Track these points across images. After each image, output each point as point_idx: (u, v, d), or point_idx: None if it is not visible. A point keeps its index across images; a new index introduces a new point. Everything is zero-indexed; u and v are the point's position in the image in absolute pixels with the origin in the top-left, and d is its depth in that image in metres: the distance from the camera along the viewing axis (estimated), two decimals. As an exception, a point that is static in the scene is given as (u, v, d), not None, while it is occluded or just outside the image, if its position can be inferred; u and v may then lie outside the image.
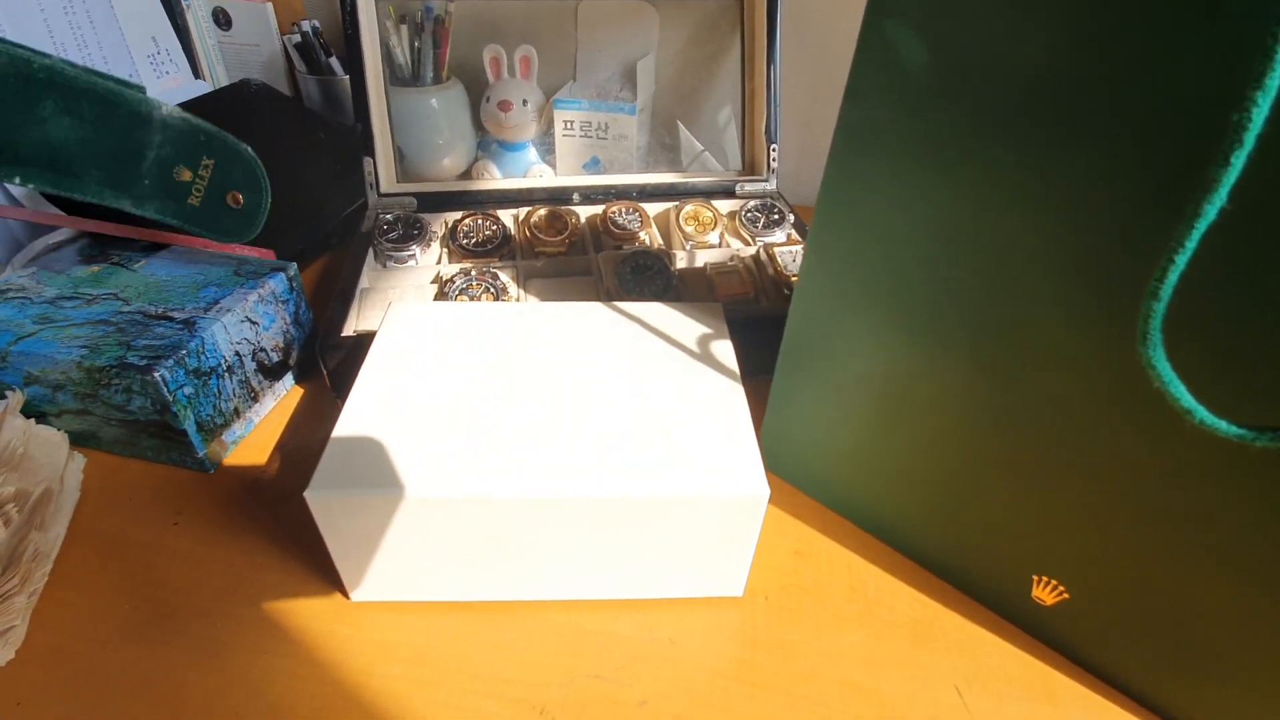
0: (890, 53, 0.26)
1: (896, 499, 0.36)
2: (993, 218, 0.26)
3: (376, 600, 0.34)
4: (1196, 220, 0.20)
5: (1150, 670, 0.30)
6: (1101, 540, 0.29)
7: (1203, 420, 0.22)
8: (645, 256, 0.49)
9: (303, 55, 0.69)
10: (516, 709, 0.30)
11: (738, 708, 0.30)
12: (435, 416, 0.32)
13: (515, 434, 0.32)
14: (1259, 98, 0.18)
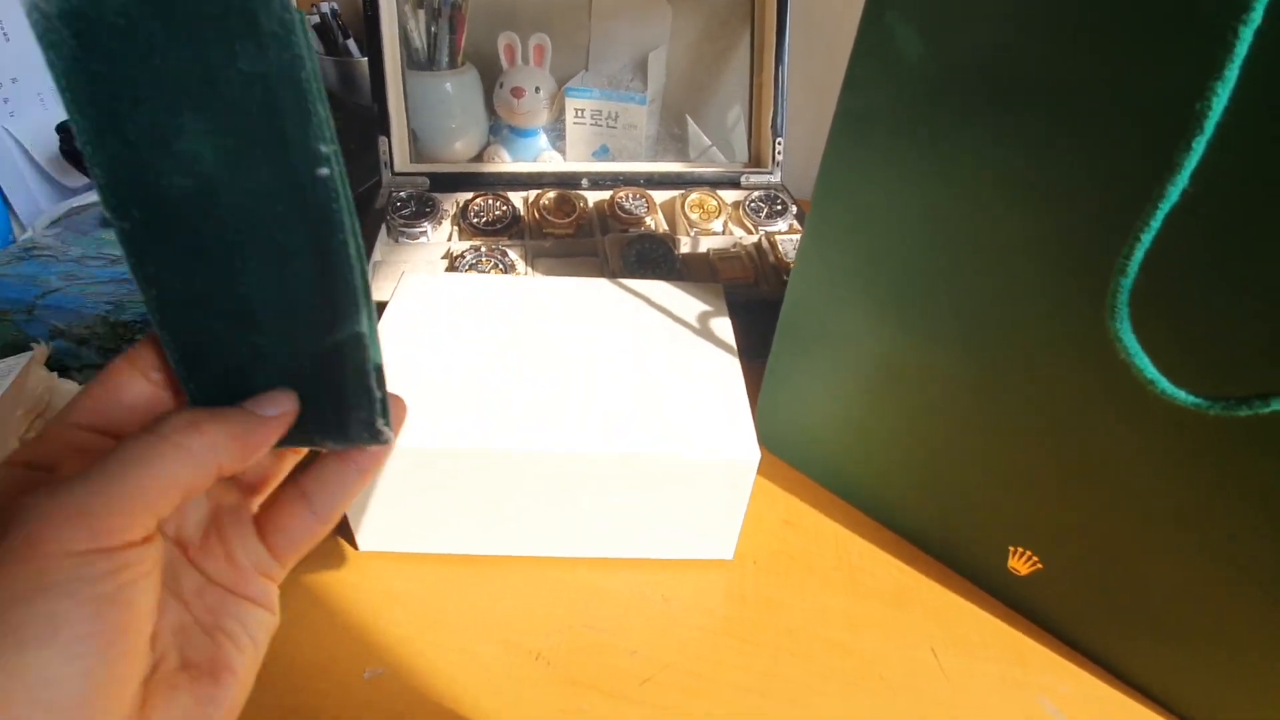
0: (889, 44, 0.27)
1: (883, 473, 0.37)
2: (981, 205, 0.28)
3: (383, 550, 0.36)
4: (1160, 201, 0.22)
5: (1116, 637, 0.32)
6: (1074, 512, 0.31)
7: (1164, 390, 0.24)
8: (650, 240, 0.51)
9: (321, 37, 0.71)
10: (514, 653, 0.32)
11: (724, 659, 0.32)
12: (444, 378, 0.34)
13: (521, 396, 0.33)
14: (1218, 87, 0.20)
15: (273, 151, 0.18)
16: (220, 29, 0.16)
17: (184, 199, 0.18)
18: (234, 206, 0.18)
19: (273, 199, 0.18)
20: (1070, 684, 0.32)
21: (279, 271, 0.19)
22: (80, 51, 0.16)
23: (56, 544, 0.14)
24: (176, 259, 0.18)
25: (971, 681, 0.32)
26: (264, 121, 0.17)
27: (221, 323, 0.19)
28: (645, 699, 0.31)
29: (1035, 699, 0.32)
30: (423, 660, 0.32)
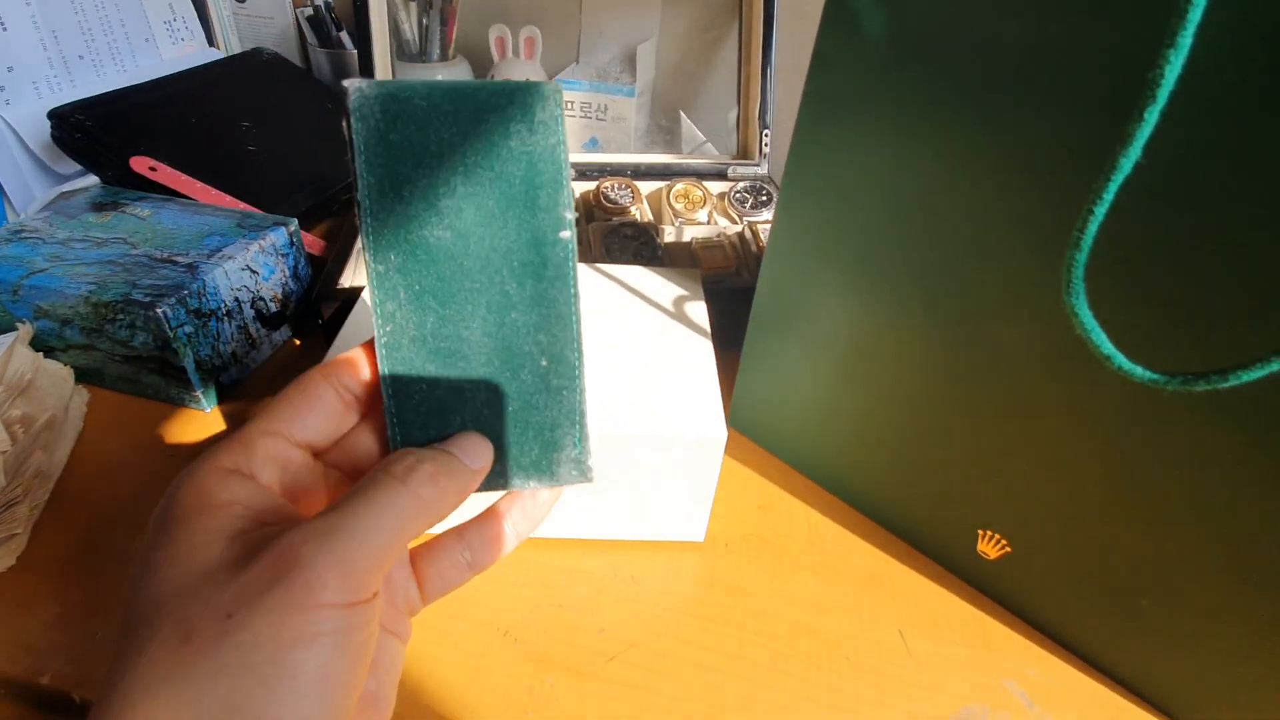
0: (853, 22, 0.28)
1: (855, 457, 0.37)
2: (943, 179, 0.28)
3: (357, 529, 0.36)
4: (1113, 173, 0.22)
5: (1083, 621, 0.32)
6: (1041, 495, 0.31)
7: (1120, 366, 0.24)
8: (633, 228, 0.51)
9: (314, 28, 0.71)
10: (482, 630, 0.32)
11: (691, 638, 0.32)
12: (419, 356, 0.34)
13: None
14: (1171, 55, 0.20)
15: (525, 214, 0.20)
16: (502, 115, 0.20)
17: (438, 249, 0.20)
18: (480, 258, 0.21)
19: (515, 254, 0.21)
20: (1037, 668, 0.32)
21: (502, 318, 0.21)
22: (383, 124, 0.20)
23: (326, 595, 0.16)
24: (415, 301, 0.21)
25: (938, 664, 0.32)
26: (523, 189, 0.20)
27: (441, 362, 0.21)
28: (610, 676, 0.31)
29: (1002, 682, 0.31)
30: (391, 636, 0.32)
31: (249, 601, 0.15)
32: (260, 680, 0.15)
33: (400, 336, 0.21)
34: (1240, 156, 0.21)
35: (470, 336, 0.21)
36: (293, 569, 0.16)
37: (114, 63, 0.62)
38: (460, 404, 0.22)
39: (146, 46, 0.64)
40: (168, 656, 0.15)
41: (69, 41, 0.59)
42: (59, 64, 0.59)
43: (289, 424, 0.20)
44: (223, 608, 0.15)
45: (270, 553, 0.16)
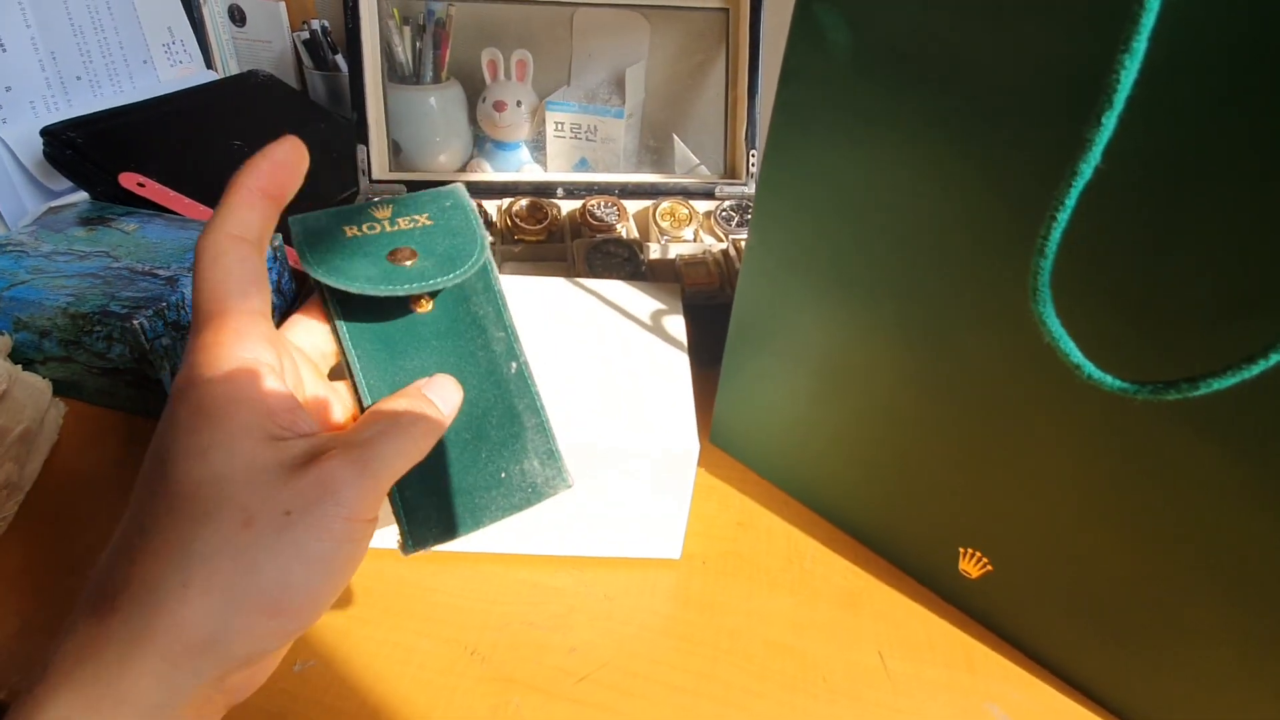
0: (819, 35, 0.28)
1: (834, 473, 0.37)
2: (911, 189, 0.28)
3: (326, 544, 0.35)
4: (1074, 179, 0.22)
5: (1067, 641, 0.31)
6: (1021, 511, 0.30)
7: (1090, 375, 0.24)
8: (616, 244, 0.51)
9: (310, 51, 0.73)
10: (448, 648, 0.31)
11: (663, 658, 0.31)
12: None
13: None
14: (1126, 60, 0.20)
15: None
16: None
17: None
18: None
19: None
20: (1020, 691, 0.31)
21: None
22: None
23: (359, 512, 0.20)
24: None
25: (918, 687, 0.31)
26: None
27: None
28: (579, 697, 0.30)
29: (983, 705, 0.30)
30: (355, 653, 0.31)
31: (303, 507, 0.19)
32: (305, 566, 0.19)
33: None
34: (1201, 159, 0.21)
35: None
36: (338, 490, 0.20)
37: (111, 83, 0.63)
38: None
39: (144, 68, 0.65)
40: (230, 535, 0.19)
41: (67, 62, 0.60)
42: (56, 84, 0.59)
43: (301, 338, 0.25)
44: (280, 506, 0.19)
45: (318, 473, 0.20)
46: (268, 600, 0.19)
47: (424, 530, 0.25)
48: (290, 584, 0.19)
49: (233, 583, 0.18)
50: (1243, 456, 0.24)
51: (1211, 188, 0.21)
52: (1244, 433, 0.23)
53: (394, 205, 0.26)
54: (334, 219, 0.25)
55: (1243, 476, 0.24)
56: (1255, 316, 0.22)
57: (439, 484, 0.25)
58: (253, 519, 0.19)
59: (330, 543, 0.20)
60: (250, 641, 0.19)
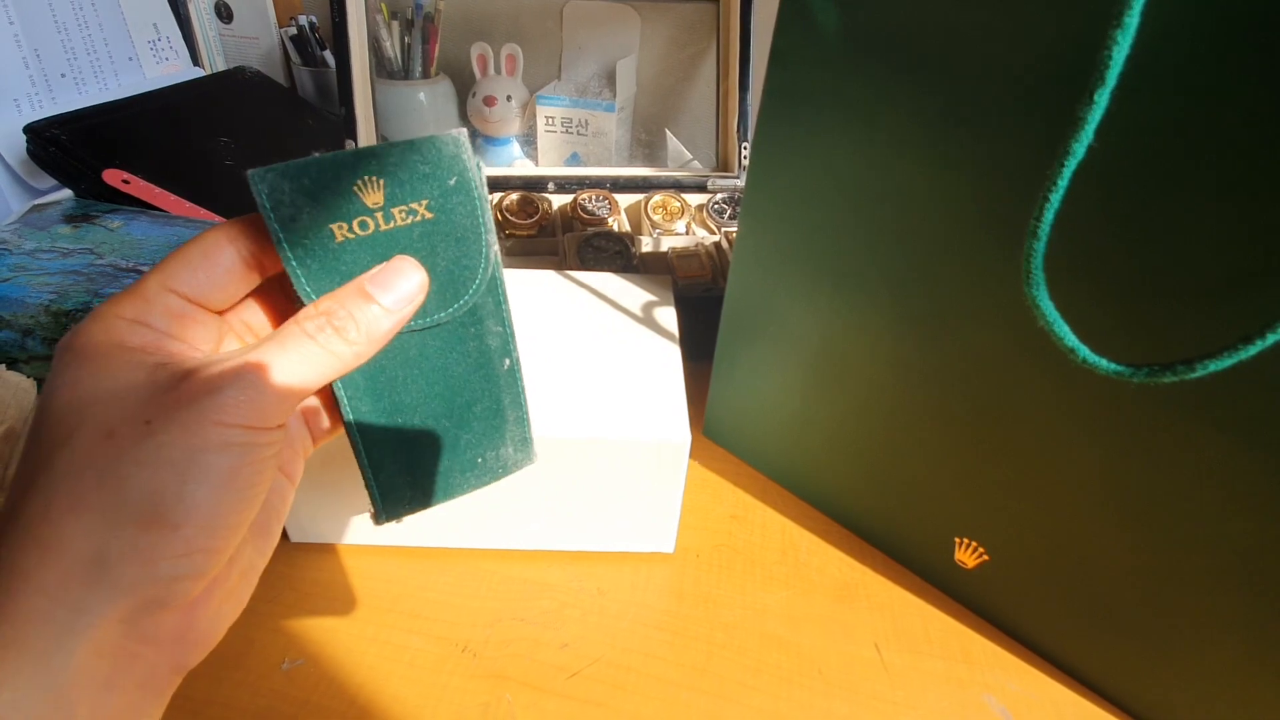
0: (808, 18, 0.27)
1: (829, 464, 0.36)
2: (904, 174, 0.27)
3: (314, 542, 0.35)
4: (1066, 159, 0.21)
5: (1064, 630, 0.31)
6: (1016, 499, 0.30)
7: (1085, 359, 0.23)
8: (607, 237, 0.50)
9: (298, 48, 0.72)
10: (440, 645, 0.31)
11: (657, 653, 0.31)
12: (379, 362, 0.34)
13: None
14: (1118, 36, 0.20)
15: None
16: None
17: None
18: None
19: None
20: (1018, 681, 0.31)
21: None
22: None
23: (235, 416, 0.18)
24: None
25: (914, 678, 0.31)
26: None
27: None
28: (572, 693, 0.30)
29: (981, 696, 0.30)
30: (345, 652, 0.31)
31: (167, 413, 0.18)
32: (176, 473, 0.18)
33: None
34: (1196, 137, 0.21)
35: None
36: (208, 393, 0.18)
37: (97, 81, 0.63)
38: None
39: (130, 65, 0.65)
40: (90, 449, 0.17)
41: (51, 60, 0.59)
42: (40, 82, 0.59)
43: (186, 281, 0.20)
44: (142, 415, 0.18)
45: (187, 381, 0.18)
46: (143, 512, 0.17)
47: (396, 506, 0.25)
48: (163, 493, 0.17)
49: (100, 498, 0.17)
50: (1241, 441, 0.23)
51: (1208, 166, 0.21)
52: (1242, 416, 0.23)
53: (387, 183, 0.22)
54: (316, 207, 0.21)
55: (1242, 462, 0.23)
56: (1252, 297, 0.21)
57: (417, 465, 0.25)
58: (114, 431, 0.17)
59: (201, 451, 0.18)
60: (140, 564, 0.17)
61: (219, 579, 0.20)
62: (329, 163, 0.21)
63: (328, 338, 0.20)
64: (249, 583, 0.22)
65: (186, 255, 0.21)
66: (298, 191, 0.21)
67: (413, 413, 0.24)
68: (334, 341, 0.20)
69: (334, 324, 0.20)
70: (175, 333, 0.20)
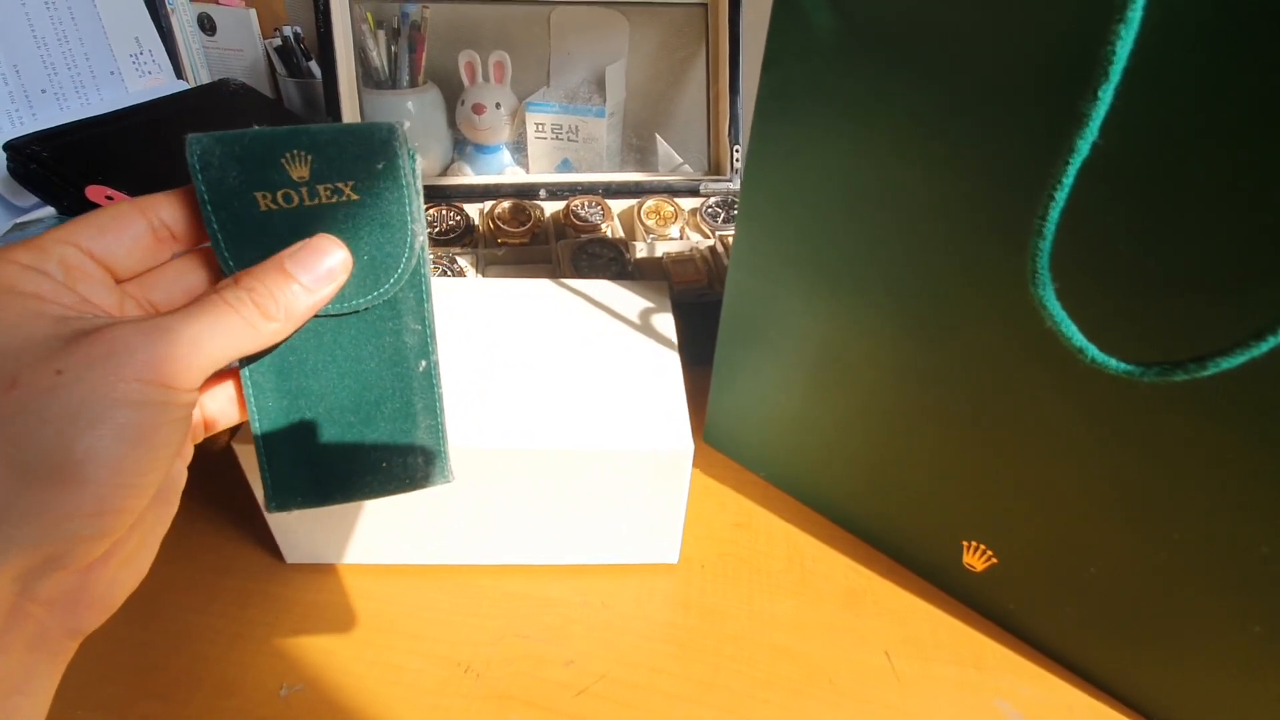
0: (802, 19, 0.27)
1: (833, 469, 0.36)
2: (902, 173, 0.27)
3: (310, 562, 0.34)
4: (1071, 156, 0.21)
5: (1076, 633, 0.30)
6: (1024, 500, 0.29)
7: (1094, 359, 0.23)
8: (601, 244, 0.50)
9: (283, 59, 0.71)
10: (441, 666, 0.30)
11: (664, 667, 0.30)
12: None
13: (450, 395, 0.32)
14: (1122, 30, 0.19)
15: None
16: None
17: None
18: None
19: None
20: (1031, 685, 0.30)
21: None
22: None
23: (148, 374, 0.18)
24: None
25: (926, 685, 0.30)
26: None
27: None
28: (578, 712, 0.29)
29: (993, 702, 0.30)
30: (344, 675, 0.30)
31: (80, 365, 0.17)
32: (88, 425, 0.17)
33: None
34: (1202, 132, 0.20)
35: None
36: (126, 349, 0.18)
37: (78, 96, 0.62)
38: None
39: (111, 80, 0.64)
40: None
41: (31, 76, 0.58)
42: (20, 98, 0.58)
43: (89, 240, 0.20)
44: (52, 365, 0.17)
45: (101, 335, 0.18)
46: (51, 467, 0.16)
47: (288, 496, 0.24)
48: (73, 447, 0.17)
49: (2, 449, 0.16)
50: (1253, 439, 0.23)
51: (1214, 161, 0.21)
52: (1254, 414, 0.22)
53: (314, 158, 0.21)
54: (244, 173, 0.21)
55: (1253, 460, 0.23)
56: (1261, 293, 0.21)
57: (312, 456, 0.24)
58: (18, 379, 0.17)
59: (116, 405, 0.17)
60: (43, 521, 0.17)
61: (118, 543, 0.19)
62: (263, 134, 0.21)
63: (249, 311, 0.20)
64: (149, 550, 0.21)
65: (95, 217, 0.20)
66: (227, 156, 0.21)
67: (317, 401, 0.24)
68: (254, 315, 0.20)
69: (254, 299, 0.20)
70: (71, 285, 0.19)
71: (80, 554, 0.18)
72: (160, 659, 0.30)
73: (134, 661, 0.30)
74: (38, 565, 0.17)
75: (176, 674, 0.29)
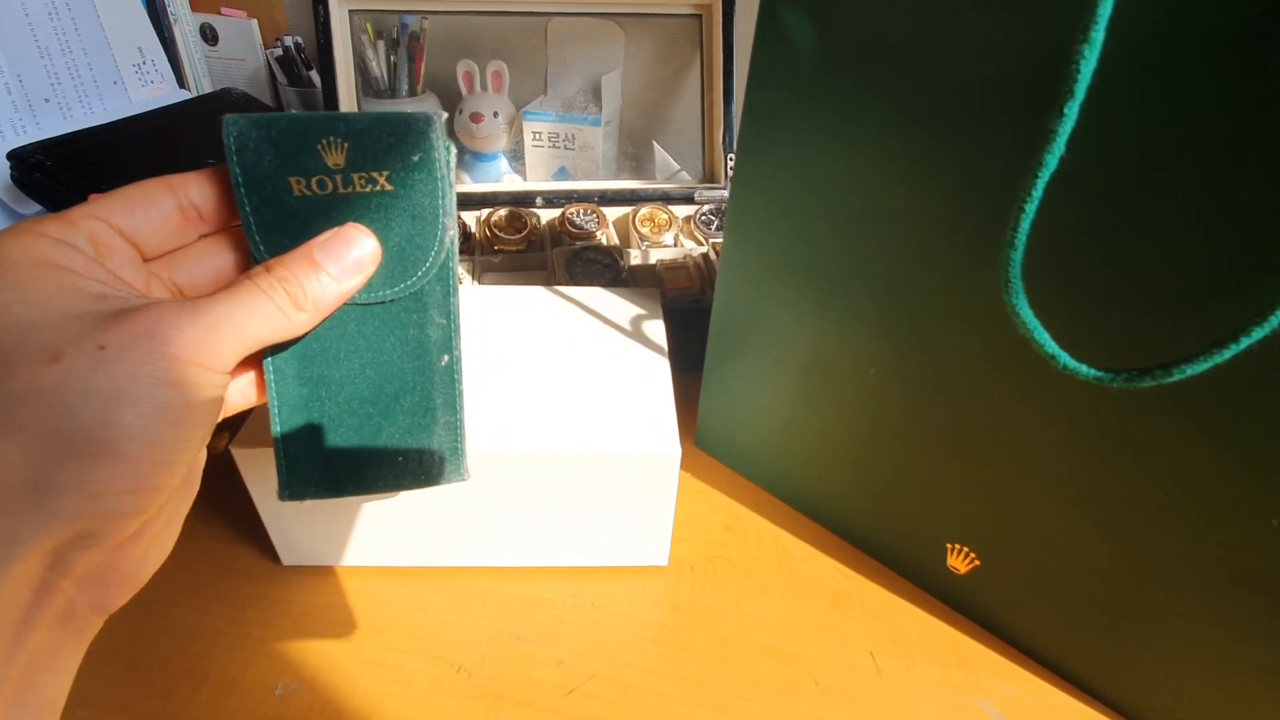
0: (784, 36, 0.28)
1: (820, 473, 0.37)
2: (882, 185, 0.28)
3: (306, 564, 0.35)
4: (1039, 170, 0.22)
5: (1057, 634, 0.31)
6: (1005, 504, 0.30)
7: (1065, 365, 0.24)
8: (595, 251, 0.51)
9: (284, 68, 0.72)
10: (435, 665, 0.31)
11: (654, 667, 0.31)
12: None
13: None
14: (1085, 50, 0.20)
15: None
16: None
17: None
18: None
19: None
20: (1013, 685, 0.31)
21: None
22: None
23: (190, 354, 0.18)
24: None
25: (910, 685, 0.31)
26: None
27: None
28: (569, 711, 0.29)
29: (977, 702, 0.30)
30: (339, 675, 0.30)
31: (120, 343, 0.17)
32: (130, 402, 0.17)
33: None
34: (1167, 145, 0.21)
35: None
36: (168, 327, 0.18)
37: (81, 105, 0.62)
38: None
39: (115, 89, 0.65)
40: (34, 371, 0.17)
41: (34, 85, 0.59)
42: (24, 107, 0.59)
43: (119, 216, 0.20)
44: (95, 340, 0.17)
45: (143, 313, 0.18)
46: (88, 441, 0.17)
47: (302, 486, 0.24)
48: (112, 423, 0.17)
49: (44, 421, 0.16)
50: (1218, 442, 0.24)
51: (1176, 174, 0.21)
52: (1218, 418, 0.23)
53: (350, 145, 0.21)
54: (279, 157, 0.21)
55: (1219, 462, 0.24)
56: (1226, 302, 0.22)
57: (329, 446, 0.24)
58: (61, 353, 0.17)
59: (155, 383, 0.17)
60: (82, 496, 0.17)
61: (148, 521, 0.19)
62: (299, 119, 0.21)
63: (282, 299, 0.20)
64: (174, 529, 0.21)
65: (124, 193, 0.20)
66: (263, 139, 0.21)
67: (338, 390, 0.24)
68: (286, 304, 0.21)
69: (287, 289, 0.21)
70: (101, 260, 0.19)
71: (114, 530, 0.18)
72: (161, 658, 0.31)
73: (135, 660, 0.30)
74: (71, 540, 0.17)
75: (177, 673, 0.30)
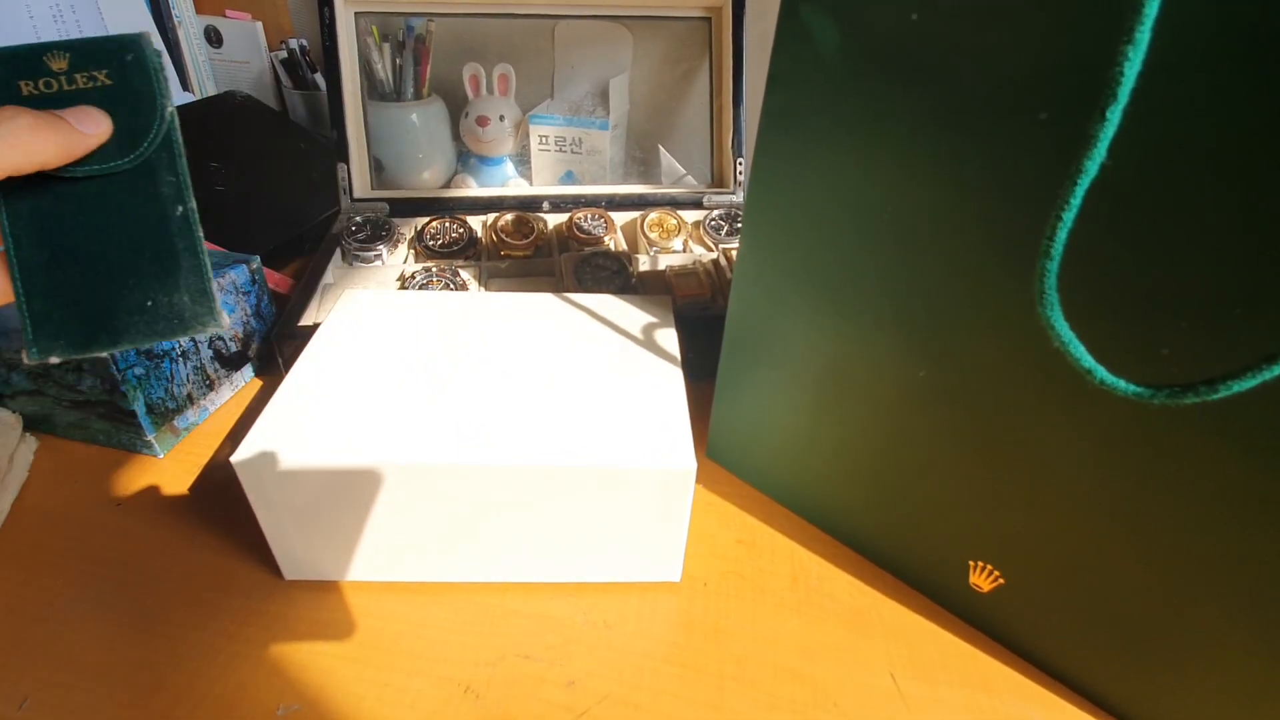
0: (806, 38, 0.27)
1: (837, 486, 0.36)
2: (908, 191, 0.27)
3: (309, 579, 0.34)
4: (1079, 177, 0.21)
5: (1086, 656, 0.30)
6: (1032, 520, 0.29)
7: (1102, 380, 0.23)
8: (604, 257, 0.50)
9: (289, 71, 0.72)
10: (442, 687, 0.30)
11: (666, 688, 0.30)
12: (374, 392, 0.33)
13: (452, 410, 0.32)
14: (1130, 52, 0.19)
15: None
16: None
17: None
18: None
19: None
20: (1040, 710, 0.30)
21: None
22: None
23: None
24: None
25: (933, 708, 0.30)
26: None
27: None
28: (579, 734, 0.28)
29: (1002, 726, 0.29)
30: (343, 696, 0.29)
31: None
32: None
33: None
34: (1212, 152, 0.20)
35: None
36: None
37: (84, 108, 0.62)
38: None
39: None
40: None
41: (37, 88, 0.58)
42: (27, 110, 0.58)
43: None
44: None
45: None
46: None
47: (50, 342, 0.25)
48: None
49: None
50: (1261, 460, 0.22)
51: (1224, 182, 0.20)
52: (1266, 437, 0.22)
53: (71, 55, 0.25)
54: (9, 69, 0.25)
55: (1261, 480, 0.23)
56: (1272, 315, 0.21)
57: (73, 298, 0.25)
58: None
59: None
60: None
61: None
62: (24, 47, 0.25)
63: (16, 126, 0.22)
64: None
65: None
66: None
67: (81, 249, 0.26)
68: (22, 131, 0.22)
69: (20, 119, 0.22)
70: None
71: None
72: (158, 678, 0.30)
73: (131, 679, 0.29)
74: None
75: (176, 692, 0.29)
